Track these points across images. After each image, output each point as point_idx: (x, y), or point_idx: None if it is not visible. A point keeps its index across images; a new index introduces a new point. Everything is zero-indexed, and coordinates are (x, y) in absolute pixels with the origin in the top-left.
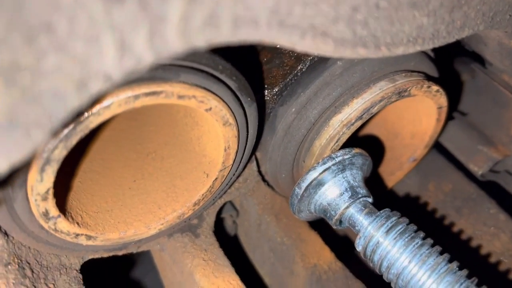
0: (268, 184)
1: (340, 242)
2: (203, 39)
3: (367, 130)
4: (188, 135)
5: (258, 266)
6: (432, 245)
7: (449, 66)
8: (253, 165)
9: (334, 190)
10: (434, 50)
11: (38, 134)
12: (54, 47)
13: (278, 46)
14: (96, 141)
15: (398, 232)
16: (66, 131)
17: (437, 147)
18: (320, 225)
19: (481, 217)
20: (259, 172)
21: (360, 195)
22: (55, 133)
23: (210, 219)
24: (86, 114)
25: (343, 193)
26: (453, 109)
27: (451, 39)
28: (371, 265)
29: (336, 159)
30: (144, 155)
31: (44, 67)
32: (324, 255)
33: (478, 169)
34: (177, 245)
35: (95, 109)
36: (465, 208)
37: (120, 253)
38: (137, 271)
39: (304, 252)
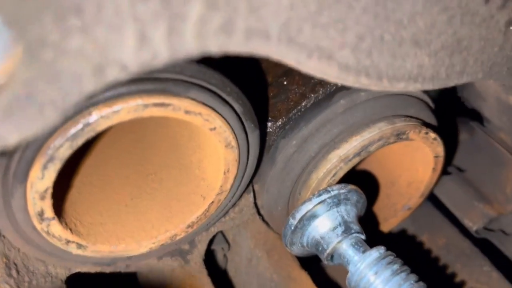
0: (263, 219)
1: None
2: (217, 44)
3: (365, 176)
4: (190, 158)
5: None
6: None
7: (449, 121)
8: (250, 196)
9: (327, 223)
10: (435, 104)
11: (51, 112)
12: (80, 29)
13: (284, 63)
14: (100, 156)
15: (390, 272)
16: (73, 130)
17: (433, 201)
18: (313, 268)
19: (474, 273)
20: (255, 204)
21: (353, 231)
22: (64, 127)
23: (202, 246)
24: (94, 116)
25: (337, 227)
26: (450, 165)
27: (450, 83)
28: None
29: (331, 192)
30: (144, 176)
31: (67, 46)
32: None
33: (473, 225)
34: (165, 268)
35: (105, 112)
36: (458, 263)
37: (108, 269)
38: None
39: None
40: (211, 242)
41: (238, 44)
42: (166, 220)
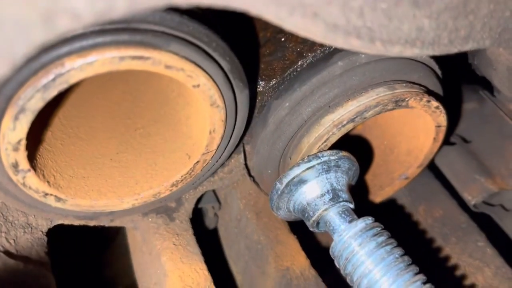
0: (254, 181)
1: (323, 252)
2: None
3: (364, 142)
4: (178, 115)
5: (232, 263)
6: (409, 264)
7: (458, 90)
8: (240, 157)
9: (315, 190)
10: (445, 72)
11: None
12: None
13: (265, 19)
14: (87, 108)
15: (375, 244)
16: (44, 81)
17: (434, 171)
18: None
19: (468, 248)
20: (246, 165)
21: (341, 199)
22: (36, 77)
23: (189, 205)
24: (67, 67)
25: (324, 195)
26: (456, 135)
27: (454, 49)
28: (343, 273)
29: (321, 158)
30: (132, 130)
31: None
32: (299, 260)
33: (471, 199)
34: (150, 225)
35: (77, 63)
36: (453, 237)
37: (91, 223)
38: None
39: (278, 254)
40: (199, 200)
41: None
42: (150, 177)
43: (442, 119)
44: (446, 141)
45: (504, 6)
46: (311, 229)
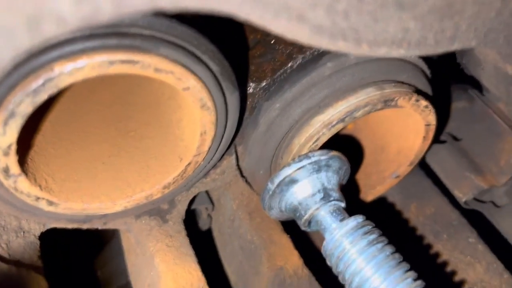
0: (246, 181)
1: (316, 253)
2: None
3: (355, 141)
4: (170, 117)
5: (226, 264)
6: (400, 262)
7: (447, 89)
8: (232, 158)
9: (306, 189)
10: (434, 72)
11: None
12: None
13: (251, 23)
14: (80, 112)
15: (366, 242)
16: (34, 85)
17: (425, 169)
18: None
19: (459, 244)
20: (238, 166)
21: (332, 198)
22: (25, 82)
23: (182, 206)
24: (57, 71)
25: (315, 194)
26: (446, 133)
27: (440, 49)
28: (335, 271)
29: (312, 158)
30: (124, 133)
31: None
32: (292, 260)
33: (462, 196)
34: (143, 227)
35: (67, 67)
36: (444, 234)
37: (84, 226)
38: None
39: (272, 254)
40: (192, 202)
41: (193, 0)
42: (142, 180)
43: (432, 118)
44: (437, 140)
45: (489, 7)
46: (303, 228)
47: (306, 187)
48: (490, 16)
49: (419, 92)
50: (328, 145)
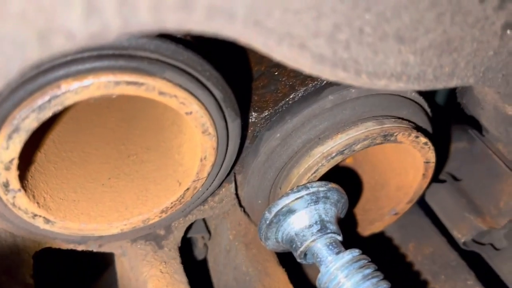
0: (244, 211)
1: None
2: (175, 20)
3: (355, 176)
4: (171, 142)
5: None
6: None
7: (448, 129)
8: (231, 186)
9: (303, 220)
10: (434, 110)
11: None
12: None
13: (254, 48)
14: (82, 133)
15: (361, 277)
16: (40, 102)
17: (424, 208)
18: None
19: (457, 286)
20: (237, 195)
21: (329, 231)
22: (31, 98)
23: (178, 233)
24: (63, 89)
25: (312, 226)
26: (446, 173)
27: (439, 85)
28: None
29: (310, 189)
30: (125, 156)
31: (8, 9)
32: None
33: (461, 237)
34: (138, 252)
35: (73, 86)
36: (442, 274)
37: (79, 247)
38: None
39: (266, 286)
40: (188, 229)
41: (198, 23)
42: (140, 203)
43: (431, 155)
44: (436, 179)
45: (487, 45)
46: (298, 260)
47: (303, 218)
48: (488, 55)
49: (419, 128)
50: (328, 179)
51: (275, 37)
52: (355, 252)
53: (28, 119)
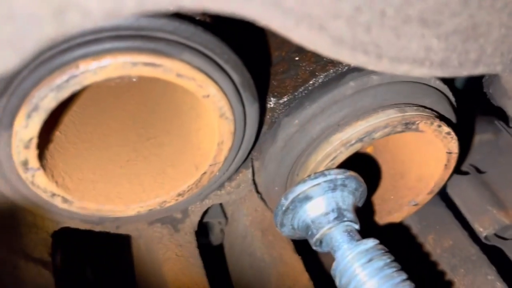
0: (261, 197)
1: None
2: None
3: (374, 165)
4: (189, 127)
5: (234, 281)
6: None
7: (473, 120)
8: (248, 172)
9: (320, 207)
10: (460, 102)
11: (9, 54)
12: None
13: (272, 29)
14: (103, 115)
15: (377, 266)
16: (58, 81)
17: (446, 201)
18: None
19: (477, 281)
20: (254, 181)
21: (346, 219)
22: (50, 78)
23: (195, 217)
24: (82, 69)
25: (329, 213)
26: (470, 165)
27: (463, 72)
28: None
29: (328, 176)
30: (144, 139)
31: None
32: (302, 281)
33: (483, 230)
34: (154, 235)
35: (92, 66)
36: (462, 268)
37: (97, 228)
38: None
39: (281, 273)
40: (205, 214)
41: (215, 1)
42: (158, 186)
43: (454, 145)
44: (459, 171)
45: None
46: (314, 247)
47: (320, 205)
48: None
49: (442, 118)
50: (347, 167)
51: (293, 17)
52: (372, 241)
53: (47, 98)
